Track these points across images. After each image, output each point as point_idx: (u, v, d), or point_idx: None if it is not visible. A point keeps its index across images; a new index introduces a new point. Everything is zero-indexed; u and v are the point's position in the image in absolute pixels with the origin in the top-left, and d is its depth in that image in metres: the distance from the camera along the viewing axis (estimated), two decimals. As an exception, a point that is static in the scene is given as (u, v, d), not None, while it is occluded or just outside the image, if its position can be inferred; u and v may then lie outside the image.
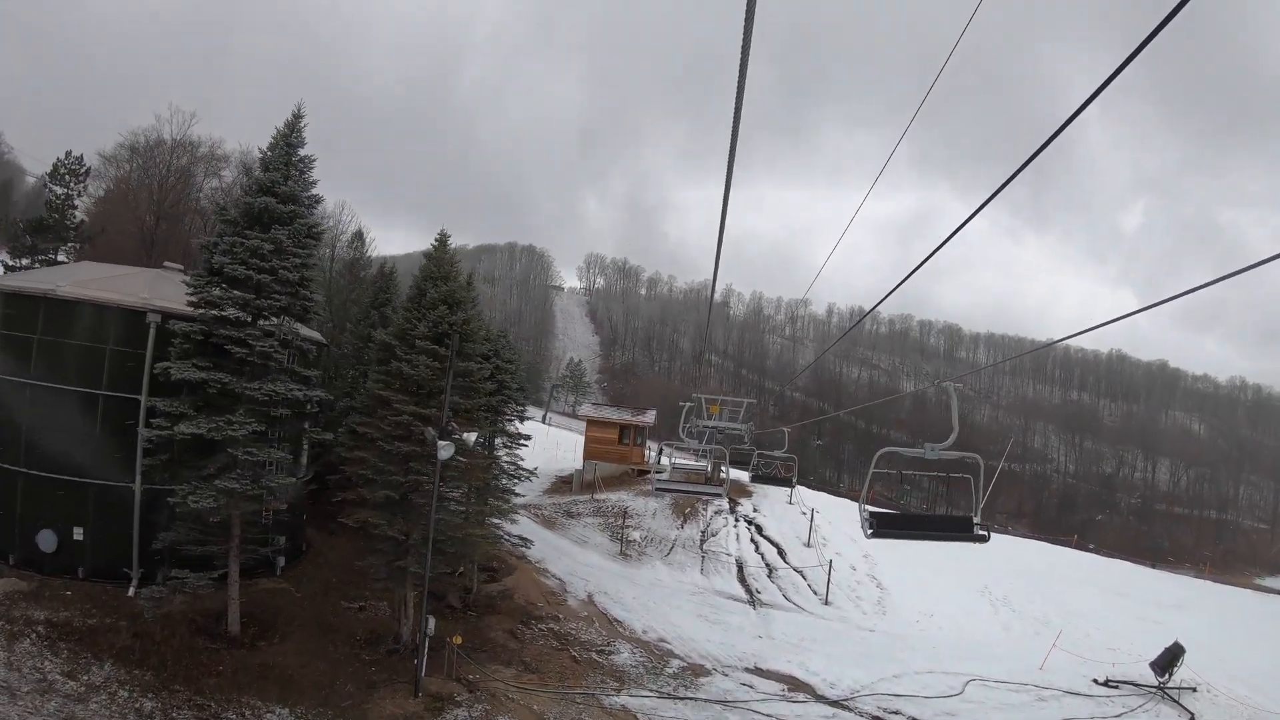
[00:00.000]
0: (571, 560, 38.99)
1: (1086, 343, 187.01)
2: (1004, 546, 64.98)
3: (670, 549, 41.24)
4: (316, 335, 32.52)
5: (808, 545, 42.54)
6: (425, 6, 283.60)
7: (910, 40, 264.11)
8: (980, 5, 7.99)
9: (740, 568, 39.95)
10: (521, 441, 34.38)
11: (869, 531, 12.98)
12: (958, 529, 14.01)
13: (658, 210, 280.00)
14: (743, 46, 4.81)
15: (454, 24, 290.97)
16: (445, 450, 20.50)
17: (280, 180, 24.69)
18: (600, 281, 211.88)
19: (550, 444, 68.81)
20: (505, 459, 33.88)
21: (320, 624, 26.78)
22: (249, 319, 23.93)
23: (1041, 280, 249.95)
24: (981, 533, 13.56)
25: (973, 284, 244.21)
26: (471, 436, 20.82)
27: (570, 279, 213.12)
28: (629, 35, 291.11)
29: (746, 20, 4.56)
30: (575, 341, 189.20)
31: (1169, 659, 31.63)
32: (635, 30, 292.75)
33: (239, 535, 24.22)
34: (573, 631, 30.95)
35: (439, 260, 26.45)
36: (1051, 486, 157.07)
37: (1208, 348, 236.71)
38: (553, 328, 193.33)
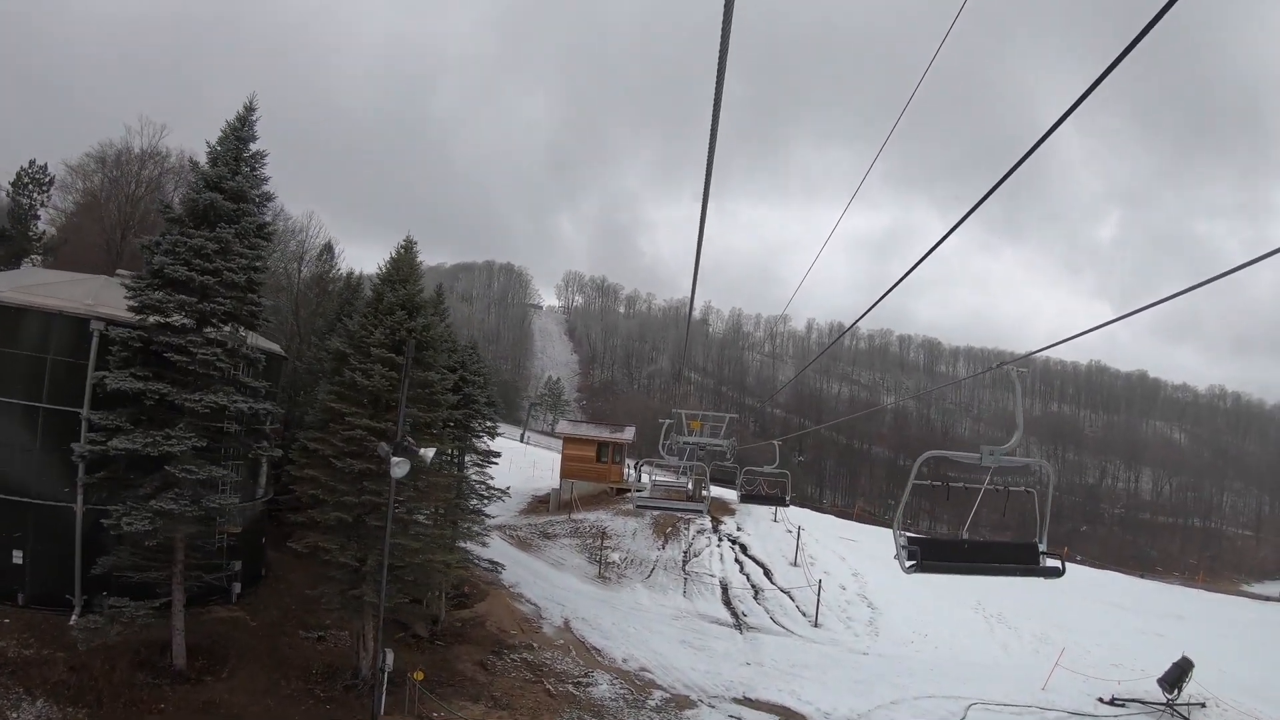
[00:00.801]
0: (547, 584, 36.97)
1: (1066, 355, 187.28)
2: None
3: (651, 571, 39.28)
4: (274, 347, 30.61)
5: (794, 564, 40.68)
6: (394, 32, 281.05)
7: (879, 52, 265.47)
8: (953, 25, 7.85)
9: (725, 589, 38.00)
10: (491, 460, 32.43)
11: (909, 564, 10.29)
12: (1022, 560, 11.30)
13: (633, 228, 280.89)
14: (718, 70, 4.80)
15: (424, 47, 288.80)
16: (400, 468, 18.49)
17: (228, 175, 22.93)
18: (579, 300, 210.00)
19: (527, 463, 66.66)
20: (475, 478, 32.03)
21: (275, 656, 24.86)
22: (193, 324, 22.17)
23: (1018, 294, 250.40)
24: (1054, 564, 11.03)
25: (949, 299, 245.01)
26: (430, 453, 18.70)
27: (549, 297, 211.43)
28: (599, 53, 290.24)
29: (721, 45, 4.56)
30: (554, 360, 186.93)
31: (1178, 674, 30.14)
32: (605, 48, 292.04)
33: (183, 561, 22.39)
34: (548, 661, 28.93)
35: (399, 263, 24.48)
36: (1034, 499, 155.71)
37: (1183, 357, 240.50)
38: (531, 346, 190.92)
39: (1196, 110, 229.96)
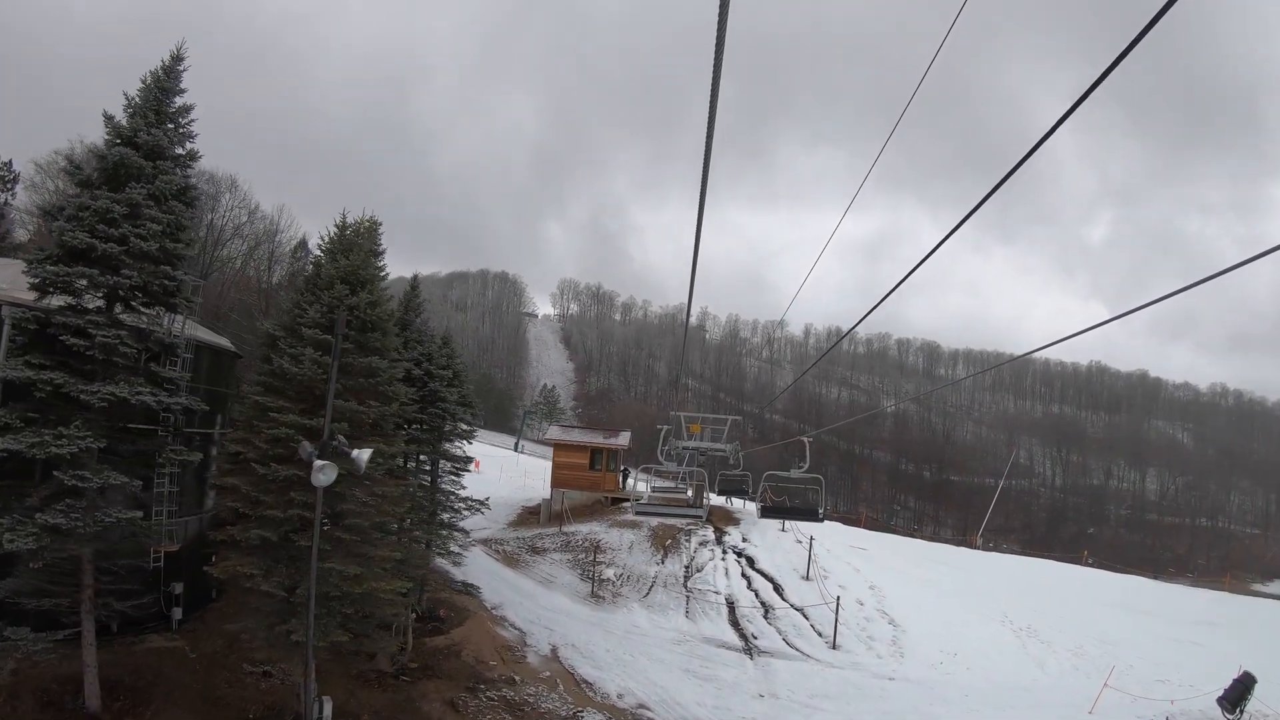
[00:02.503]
0: (535, 605, 32.80)
1: (1066, 356, 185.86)
2: (1007, 565, 60.34)
3: (649, 588, 35.04)
4: (219, 340, 26.67)
5: (806, 578, 36.43)
6: (374, 37, 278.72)
7: (869, 54, 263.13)
8: (952, 26, 7.91)
9: (731, 608, 33.71)
10: (463, 468, 28.47)
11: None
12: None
13: (627, 234, 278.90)
14: (713, 79, 5.08)
15: (404, 52, 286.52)
16: (325, 473, 14.37)
17: (143, 128, 19.00)
18: (574, 308, 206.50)
19: (519, 472, 62.84)
20: (446, 487, 28.11)
21: (210, 695, 20.93)
22: (104, 305, 18.27)
23: (1013, 295, 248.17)
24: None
25: (945, 301, 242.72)
26: (364, 455, 14.48)
27: (544, 306, 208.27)
28: (582, 56, 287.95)
29: (716, 55, 4.87)
30: (549, 368, 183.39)
31: (1240, 692, 26.69)
32: (588, 50, 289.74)
33: (92, 585, 18.55)
34: (530, 699, 24.69)
35: (344, 232, 20.36)
36: (1040, 501, 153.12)
37: (1180, 356, 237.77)
38: (526, 355, 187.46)
39: (1189, 106, 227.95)
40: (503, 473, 61.37)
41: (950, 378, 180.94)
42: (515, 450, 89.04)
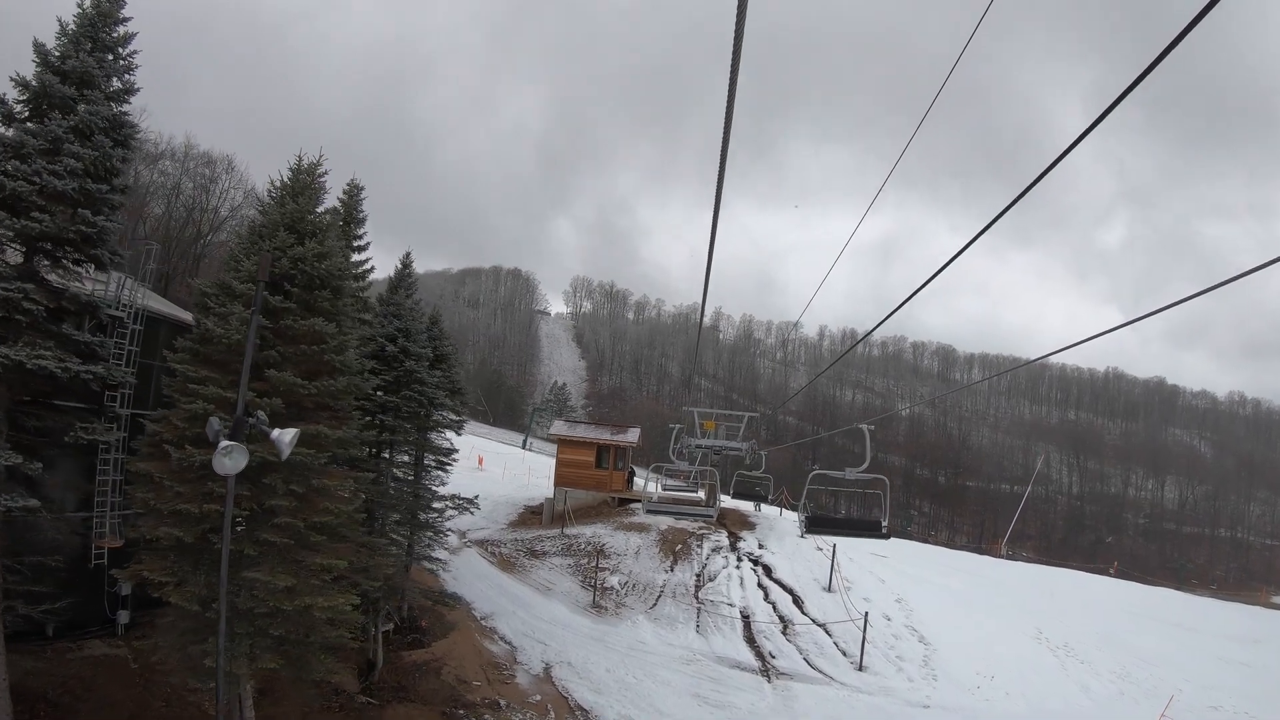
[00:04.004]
0: (529, 615, 29.30)
1: (1082, 361, 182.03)
2: (1033, 575, 56.83)
3: (657, 599, 31.45)
4: (176, 312, 23.34)
5: (828, 590, 32.85)
6: (379, 31, 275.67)
7: (878, 52, 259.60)
8: (976, 29, 7.66)
9: (747, 623, 30.05)
10: (444, 461, 25.10)
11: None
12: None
13: (636, 232, 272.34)
14: (730, 80, 4.77)
15: (410, 47, 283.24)
16: (232, 457, 10.93)
17: (72, 53, 15.86)
18: (587, 305, 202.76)
19: (524, 469, 59.42)
20: (428, 483, 24.75)
21: (144, 715, 17.68)
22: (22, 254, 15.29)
23: (1027, 299, 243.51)
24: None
25: (959, 304, 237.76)
26: (287, 436, 10.91)
27: (557, 303, 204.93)
28: (588, 55, 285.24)
29: (733, 62, 4.54)
30: (561, 366, 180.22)
31: None
32: (595, 49, 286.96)
33: (-1, 585, 15.23)
34: (517, 729, 21.36)
35: (297, 174, 16.86)
36: (1057, 508, 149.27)
37: (1195, 362, 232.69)
38: (538, 352, 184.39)
39: (1207, 106, 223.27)
40: (506, 470, 58.25)
41: (965, 381, 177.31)
42: (523, 448, 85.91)
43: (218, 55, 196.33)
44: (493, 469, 58.39)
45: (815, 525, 21.24)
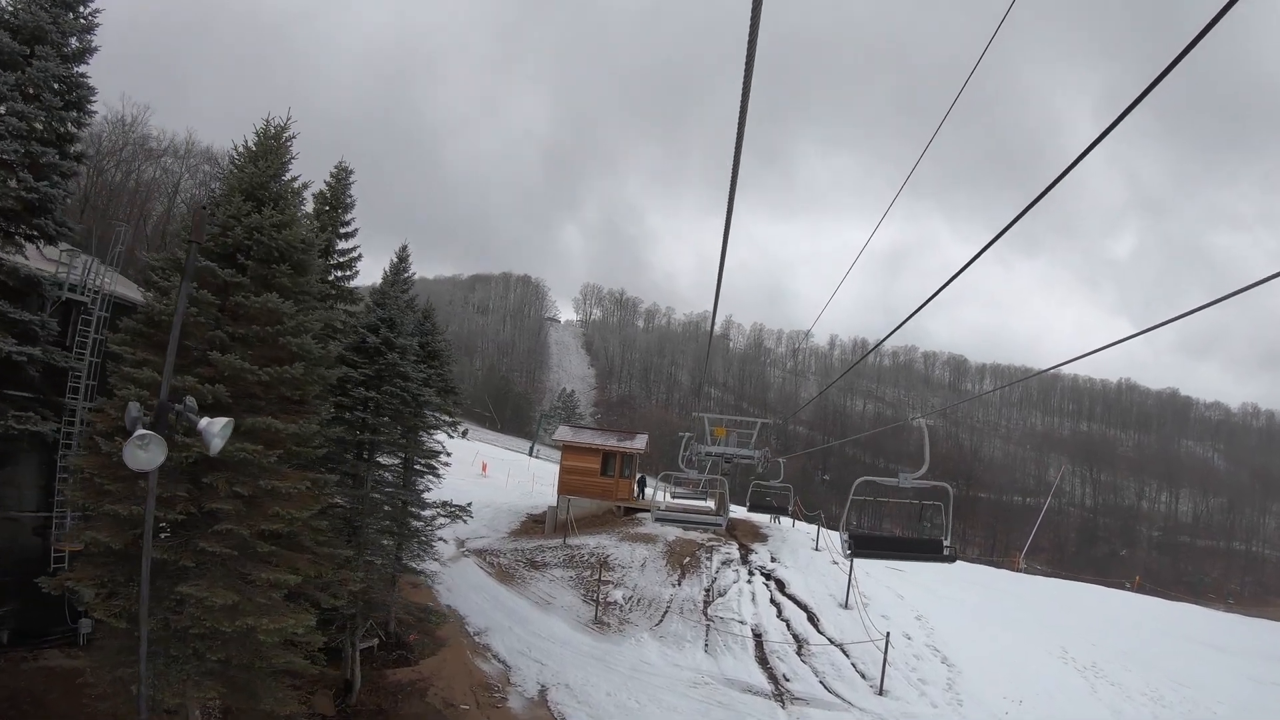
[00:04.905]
0: (526, 631, 27.19)
1: (1094, 372, 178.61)
2: (1052, 589, 54.48)
3: (663, 615, 29.27)
4: (131, 294, 21.44)
5: (845, 606, 30.63)
6: (386, 34, 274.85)
7: (885, 58, 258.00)
8: (994, 36, 7.41)
9: (759, 642, 27.79)
10: (431, 465, 23.10)
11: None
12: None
13: (644, 240, 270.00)
14: (743, 88, 4.70)
15: (414, 53, 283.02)
16: (149, 449, 8.88)
17: (27, 6, 14.09)
18: (597, 313, 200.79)
19: (527, 476, 57.42)
20: (424, 489, 22.89)
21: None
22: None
23: (1038, 309, 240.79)
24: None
25: (969, 314, 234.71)
26: (217, 425, 8.84)
27: (567, 310, 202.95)
28: (596, 60, 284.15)
29: (746, 70, 4.46)
30: (570, 374, 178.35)
31: None
32: (602, 54, 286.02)
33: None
34: (506, 760, 19.27)
35: (264, 138, 14.85)
36: (1070, 520, 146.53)
37: (1208, 373, 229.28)
38: (547, 359, 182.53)
39: (1220, 112, 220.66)
40: (510, 477, 56.37)
41: (977, 391, 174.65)
42: (530, 455, 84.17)
43: (221, 56, 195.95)
44: (497, 476, 56.60)
45: (863, 546, 15.95)
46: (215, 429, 9.35)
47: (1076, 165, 5.51)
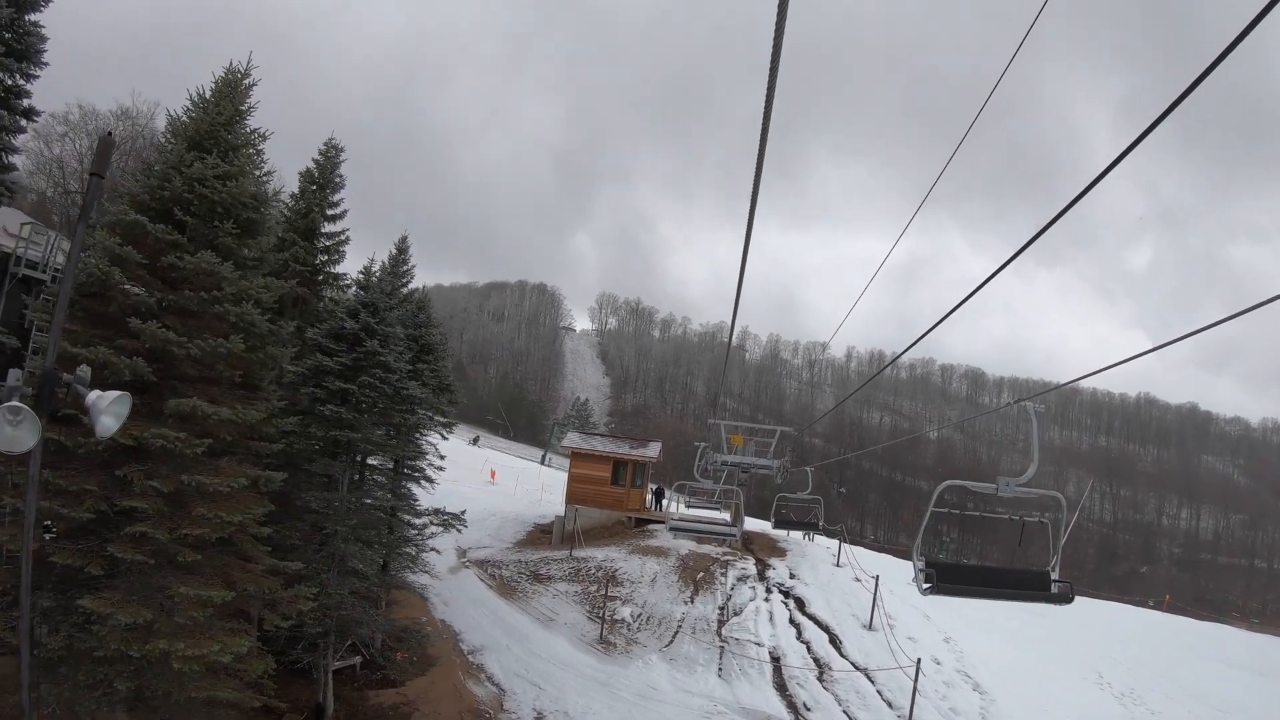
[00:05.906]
0: (525, 650, 24.92)
1: (1113, 386, 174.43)
2: (1082, 610, 51.81)
3: (674, 635, 26.89)
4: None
5: (869, 628, 28.20)
6: (398, 38, 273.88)
7: (899, 67, 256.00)
8: (1020, 46, 7.28)
9: (777, 666, 25.30)
10: (420, 469, 20.92)
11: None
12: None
13: (659, 248, 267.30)
14: (766, 99, 4.67)
15: (425, 59, 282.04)
16: (21, 426, 6.72)
17: None
18: (612, 322, 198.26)
19: (537, 484, 55.28)
20: (405, 493, 20.63)
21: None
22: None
23: (1055, 321, 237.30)
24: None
25: (986, 326, 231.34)
26: (108, 398, 6.76)
27: (582, 319, 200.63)
28: (608, 67, 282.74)
29: (770, 80, 4.47)
30: (585, 383, 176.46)
31: None
32: (617, 61, 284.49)
33: None
34: (494, 800, 17.00)
35: (221, 85, 12.70)
36: (1089, 536, 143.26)
37: (1226, 388, 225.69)
38: (562, 368, 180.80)
39: (1240, 124, 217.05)
40: (519, 484, 54.23)
41: (994, 404, 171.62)
42: (542, 463, 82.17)
43: (226, 58, 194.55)
44: (506, 483, 54.56)
45: (949, 580, 10.67)
46: (105, 403, 7.17)
47: (1089, 164, 3.71)
